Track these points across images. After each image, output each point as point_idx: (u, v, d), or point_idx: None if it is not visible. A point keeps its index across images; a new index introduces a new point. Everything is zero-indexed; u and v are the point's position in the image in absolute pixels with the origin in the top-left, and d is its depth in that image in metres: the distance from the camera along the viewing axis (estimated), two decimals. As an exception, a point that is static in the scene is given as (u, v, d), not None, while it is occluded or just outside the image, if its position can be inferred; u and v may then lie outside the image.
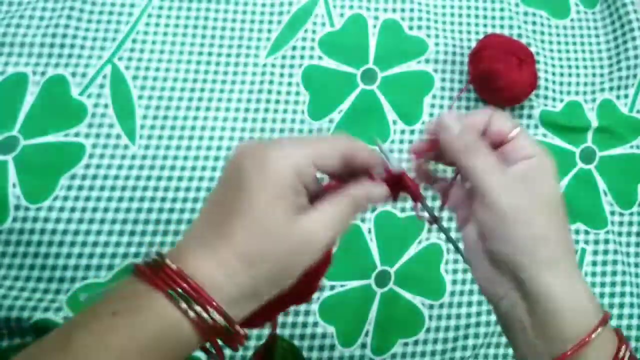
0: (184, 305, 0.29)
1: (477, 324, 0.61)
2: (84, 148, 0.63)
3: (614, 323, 0.63)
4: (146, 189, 0.62)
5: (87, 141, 0.63)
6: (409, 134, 0.68)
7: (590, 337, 0.32)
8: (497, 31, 0.74)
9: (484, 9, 0.75)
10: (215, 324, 0.29)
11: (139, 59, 0.67)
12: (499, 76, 0.65)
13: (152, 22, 0.69)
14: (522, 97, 0.68)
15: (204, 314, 0.29)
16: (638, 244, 0.68)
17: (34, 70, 0.65)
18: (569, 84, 0.73)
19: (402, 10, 0.73)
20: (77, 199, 0.60)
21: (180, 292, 0.29)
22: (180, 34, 0.69)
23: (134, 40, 0.68)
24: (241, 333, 0.31)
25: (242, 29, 0.71)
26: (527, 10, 0.76)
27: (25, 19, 0.66)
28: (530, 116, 0.70)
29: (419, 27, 0.73)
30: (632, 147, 0.70)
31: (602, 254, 0.66)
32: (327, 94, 0.69)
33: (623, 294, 0.64)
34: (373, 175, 0.36)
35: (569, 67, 0.74)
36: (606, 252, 0.66)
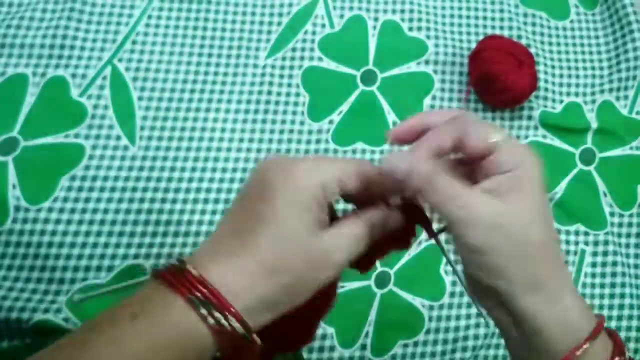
0: (203, 310, 0.28)
1: (477, 325, 0.61)
2: (84, 149, 0.63)
3: (613, 324, 0.63)
4: (146, 190, 0.62)
5: (87, 142, 0.63)
6: (408, 135, 0.68)
7: (574, 354, 0.31)
8: (497, 32, 0.74)
9: (484, 10, 0.75)
10: (234, 332, 0.29)
11: (139, 60, 0.67)
12: (498, 78, 0.65)
13: (152, 24, 0.69)
14: (521, 99, 0.68)
15: (223, 320, 0.29)
16: (638, 245, 0.67)
17: (34, 71, 0.65)
18: (569, 85, 0.73)
19: (402, 12, 0.73)
20: (76, 200, 0.60)
21: (201, 297, 0.29)
22: (180, 35, 0.69)
23: (134, 42, 0.68)
24: (258, 342, 0.30)
25: (242, 30, 0.71)
26: (526, 12, 0.76)
27: (26, 20, 0.66)
28: (530, 117, 0.70)
29: (419, 28, 0.73)
30: (631, 148, 0.70)
31: (602, 255, 0.66)
32: (327, 95, 0.69)
33: (623, 295, 0.64)
34: (389, 204, 0.35)
35: (569, 69, 0.74)
36: (606, 254, 0.66)
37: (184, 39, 0.69)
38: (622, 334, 0.63)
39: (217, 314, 0.29)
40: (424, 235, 0.64)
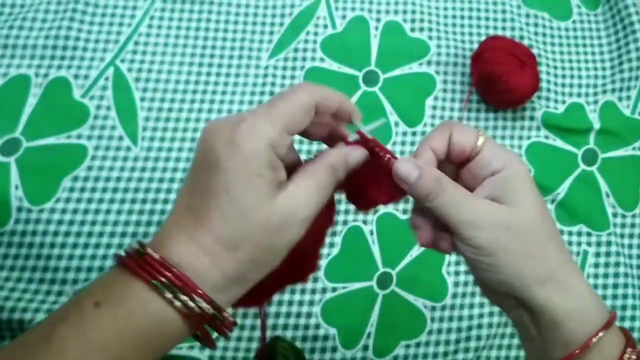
0: (168, 295, 0.28)
1: (479, 326, 0.61)
2: (86, 150, 0.63)
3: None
4: (148, 191, 0.62)
5: (90, 143, 0.63)
6: (410, 135, 0.68)
7: (589, 343, 0.32)
8: (499, 33, 0.73)
9: (486, 11, 0.75)
10: (203, 312, 0.29)
11: (141, 61, 0.67)
12: (500, 78, 0.65)
13: (154, 25, 0.69)
14: (524, 99, 0.68)
15: (190, 302, 0.28)
16: (640, 246, 0.67)
17: (36, 72, 0.65)
18: (571, 85, 0.73)
19: (404, 12, 0.73)
20: (79, 200, 0.61)
21: (165, 281, 0.28)
22: (182, 36, 0.69)
23: (136, 43, 0.68)
24: (230, 320, 0.30)
25: (244, 31, 0.71)
26: (529, 12, 0.76)
27: (28, 22, 0.66)
28: (532, 118, 0.70)
29: (421, 29, 0.73)
30: (634, 148, 0.70)
31: (605, 255, 0.66)
32: (329, 95, 0.69)
33: (625, 296, 0.64)
34: (348, 141, 0.35)
35: (571, 69, 0.74)
36: (608, 254, 0.66)
37: (186, 40, 0.69)
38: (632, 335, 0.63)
39: (183, 297, 0.28)
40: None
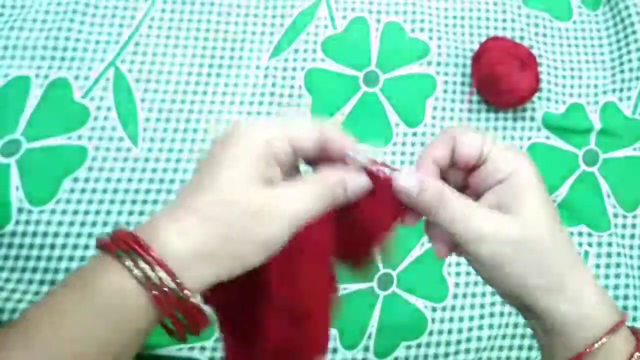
0: (128, 262, 0.27)
1: (480, 327, 0.61)
2: (87, 151, 0.63)
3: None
4: (148, 192, 0.62)
5: (90, 144, 0.63)
6: (411, 136, 0.68)
7: (591, 349, 0.32)
8: (500, 34, 0.73)
9: (486, 12, 0.75)
10: (163, 285, 0.27)
11: (142, 62, 0.67)
12: (501, 79, 0.65)
13: (155, 25, 0.69)
14: (524, 100, 0.68)
15: (150, 271, 0.27)
16: (641, 247, 0.67)
17: (36, 73, 0.65)
18: (572, 86, 0.73)
19: (405, 13, 0.73)
20: (79, 201, 0.61)
21: (128, 250, 0.28)
22: (183, 36, 0.69)
23: (137, 43, 0.68)
24: (195, 305, 0.28)
25: (244, 32, 0.71)
26: (529, 13, 0.76)
27: (28, 22, 0.66)
28: (532, 118, 0.70)
29: (422, 30, 0.73)
30: (635, 149, 0.70)
31: (606, 256, 0.66)
32: (330, 96, 0.69)
33: (627, 297, 0.64)
34: (350, 164, 0.34)
35: (572, 70, 0.74)
36: (609, 255, 0.66)
37: (186, 40, 0.69)
38: None
39: (142, 265, 0.27)
40: (426, 236, 0.64)
